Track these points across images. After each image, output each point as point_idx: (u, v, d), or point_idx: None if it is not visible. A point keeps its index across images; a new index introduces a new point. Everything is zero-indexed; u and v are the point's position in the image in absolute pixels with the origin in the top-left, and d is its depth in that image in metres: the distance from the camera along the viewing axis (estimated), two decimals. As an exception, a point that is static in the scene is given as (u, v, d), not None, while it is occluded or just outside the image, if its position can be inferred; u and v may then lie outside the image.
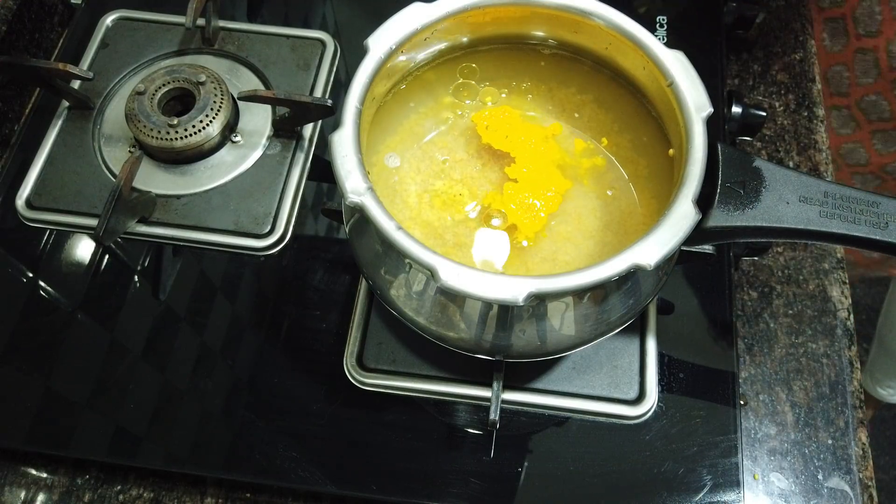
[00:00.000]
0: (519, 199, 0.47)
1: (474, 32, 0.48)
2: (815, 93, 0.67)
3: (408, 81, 0.49)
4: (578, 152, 0.49)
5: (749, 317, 0.57)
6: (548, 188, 0.47)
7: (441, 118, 0.51)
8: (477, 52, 0.50)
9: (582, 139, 0.49)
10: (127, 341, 0.53)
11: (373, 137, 0.48)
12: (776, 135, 0.65)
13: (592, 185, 0.49)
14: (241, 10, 0.68)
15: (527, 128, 0.49)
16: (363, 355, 0.52)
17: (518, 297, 0.35)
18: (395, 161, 0.48)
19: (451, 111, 0.51)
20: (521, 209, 0.46)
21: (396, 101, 0.49)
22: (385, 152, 0.49)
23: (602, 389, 0.50)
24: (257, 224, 0.56)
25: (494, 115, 0.49)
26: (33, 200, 0.57)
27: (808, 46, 0.69)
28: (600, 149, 0.49)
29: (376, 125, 0.48)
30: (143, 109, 0.56)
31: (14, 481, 0.51)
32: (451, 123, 0.51)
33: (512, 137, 0.48)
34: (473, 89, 0.51)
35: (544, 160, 0.48)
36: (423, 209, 0.48)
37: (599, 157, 0.48)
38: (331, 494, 0.50)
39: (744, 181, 0.40)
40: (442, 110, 0.51)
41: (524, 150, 0.48)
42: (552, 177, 0.47)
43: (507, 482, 0.49)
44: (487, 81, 0.51)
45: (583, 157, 0.49)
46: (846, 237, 0.39)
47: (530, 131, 0.49)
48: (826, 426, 0.53)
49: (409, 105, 0.50)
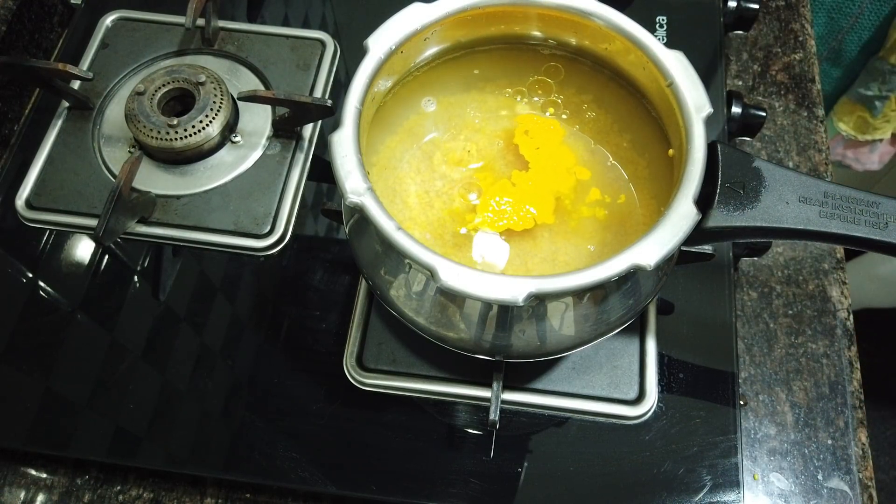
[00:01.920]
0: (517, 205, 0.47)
1: (474, 32, 0.48)
2: (814, 93, 0.67)
3: (408, 81, 0.49)
4: (588, 198, 0.48)
5: (749, 317, 0.57)
6: (540, 205, 0.47)
7: (442, 118, 0.51)
8: (477, 52, 0.50)
9: (599, 190, 0.48)
10: (127, 341, 0.53)
11: (373, 137, 0.47)
12: (776, 135, 0.65)
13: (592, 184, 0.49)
14: (241, 11, 0.68)
15: (562, 150, 0.49)
16: (363, 355, 0.52)
17: (518, 297, 0.35)
18: (431, 106, 0.48)
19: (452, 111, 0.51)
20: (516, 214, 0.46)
21: (396, 101, 0.49)
22: (385, 152, 0.49)
23: (602, 389, 0.50)
24: (257, 224, 0.56)
25: (541, 125, 0.49)
26: (33, 200, 0.57)
27: (808, 46, 0.69)
28: (610, 203, 0.48)
29: (376, 125, 0.48)
30: (143, 109, 0.56)
31: (14, 481, 0.51)
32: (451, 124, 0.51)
33: (542, 150, 0.48)
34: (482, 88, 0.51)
35: (550, 185, 0.48)
36: (423, 209, 0.48)
37: (601, 210, 0.47)
38: (331, 494, 0.50)
39: (744, 181, 0.40)
40: (443, 110, 0.51)
41: (541, 164, 0.48)
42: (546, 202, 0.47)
43: (507, 482, 0.49)
44: (487, 81, 0.51)
45: (588, 204, 0.48)
46: (846, 237, 0.39)
47: (561, 154, 0.49)
48: (826, 426, 0.53)
49: (410, 105, 0.50)
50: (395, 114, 0.49)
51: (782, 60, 0.69)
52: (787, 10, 0.72)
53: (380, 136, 0.49)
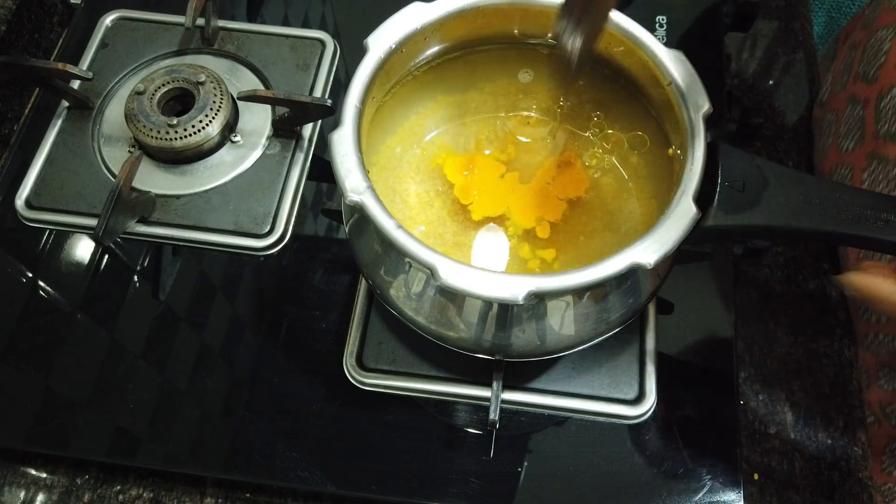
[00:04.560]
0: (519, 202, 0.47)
1: (474, 32, 0.48)
2: (814, 93, 0.67)
3: (408, 81, 0.49)
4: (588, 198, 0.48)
5: (749, 317, 0.56)
6: (541, 204, 0.47)
7: (442, 118, 0.51)
8: (477, 52, 0.50)
9: (599, 189, 0.48)
10: (127, 341, 0.53)
11: (373, 137, 0.47)
12: (776, 135, 0.65)
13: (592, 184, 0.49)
14: (241, 10, 0.68)
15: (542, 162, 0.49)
16: (363, 355, 0.52)
17: (518, 295, 0.35)
18: (431, 106, 0.49)
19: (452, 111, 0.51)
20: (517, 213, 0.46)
21: (396, 101, 0.49)
22: (385, 152, 0.49)
23: (602, 389, 0.50)
24: (257, 224, 0.56)
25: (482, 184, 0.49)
26: (33, 200, 0.57)
27: (808, 46, 0.69)
28: (610, 202, 0.47)
29: (376, 125, 0.48)
30: (143, 109, 0.56)
31: (14, 481, 0.51)
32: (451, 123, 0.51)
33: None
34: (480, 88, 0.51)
35: (550, 184, 0.48)
36: (422, 208, 0.48)
37: (601, 209, 0.47)
38: (331, 494, 0.50)
39: (744, 180, 0.40)
40: (442, 110, 0.51)
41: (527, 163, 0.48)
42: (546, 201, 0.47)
43: (507, 482, 0.49)
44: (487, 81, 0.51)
45: (588, 204, 0.48)
46: (846, 237, 0.39)
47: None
48: (826, 426, 0.53)
49: (410, 105, 0.50)
50: (395, 114, 0.49)
51: (782, 60, 0.69)
52: (787, 10, 0.72)
53: (380, 135, 0.49)
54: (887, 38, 0.50)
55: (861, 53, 0.53)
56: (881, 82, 0.49)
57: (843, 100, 0.55)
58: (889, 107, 0.49)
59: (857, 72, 0.53)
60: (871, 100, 0.50)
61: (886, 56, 0.49)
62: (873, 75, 0.50)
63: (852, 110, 0.53)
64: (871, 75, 0.51)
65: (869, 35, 0.53)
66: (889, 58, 0.49)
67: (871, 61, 0.51)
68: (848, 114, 0.53)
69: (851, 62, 0.55)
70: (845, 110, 0.54)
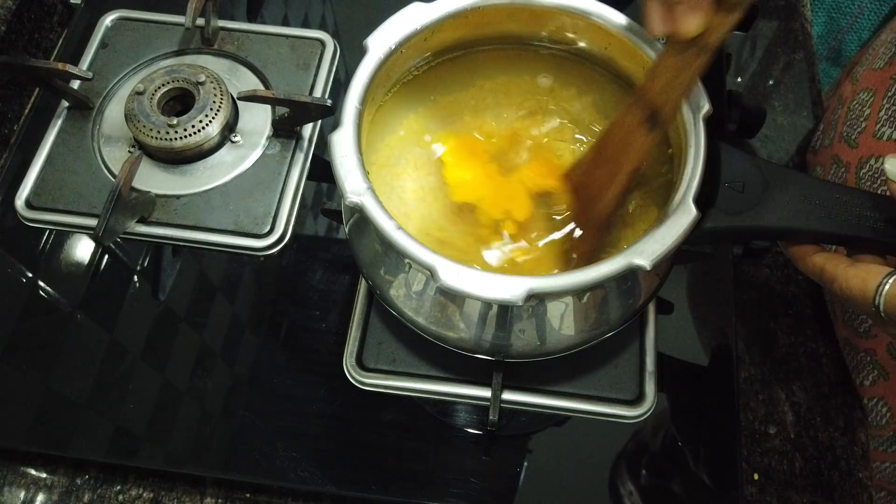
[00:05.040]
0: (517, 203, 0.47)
1: (474, 32, 0.48)
2: (814, 92, 0.67)
3: (408, 81, 0.49)
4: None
5: (749, 317, 0.56)
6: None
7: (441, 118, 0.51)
8: (477, 52, 0.50)
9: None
10: (127, 341, 0.53)
11: (373, 137, 0.47)
12: (776, 135, 0.65)
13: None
14: (241, 10, 0.68)
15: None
16: (363, 355, 0.52)
17: (517, 296, 0.35)
18: (430, 106, 0.49)
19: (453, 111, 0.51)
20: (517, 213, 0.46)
21: (396, 100, 0.49)
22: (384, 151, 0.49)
23: (601, 389, 0.50)
24: (257, 224, 0.56)
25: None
26: (33, 200, 0.57)
27: (808, 46, 0.69)
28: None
29: (376, 125, 0.48)
30: (143, 109, 0.56)
31: (14, 481, 0.51)
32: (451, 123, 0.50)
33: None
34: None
35: (548, 183, 0.48)
36: (418, 205, 0.48)
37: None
38: (331, 494, 0.50)
39: (744, 181, 0.40)
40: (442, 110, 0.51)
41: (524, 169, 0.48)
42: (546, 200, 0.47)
43: (507, 482, 0.49)
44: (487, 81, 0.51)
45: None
46: (846, 237, 0.39)
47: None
48: (826, 426, 0.53)
49: (410, 105, 0.50)
50: (395, 113, 0.49)
51: (782, 60, 0.69)
52: (787, 10, 0.72)
53: (380, 135, 0.49)
54: (867, 103, 0.51)
55: (845, 112, 0.54)
56: (860, 150, 0.51)
57: (828, 157, 0.56)
58: (867, 177, 0.50)
59: (840, 132, 0.54)
60: (852, 164, 0.52)
61: (866, 122, 0.50)
62: (855, 140, 0.52)
63: (836, 170, 0.54)
64: (853, 139, 0.52)
65: (854, 93, 0.54)
66: (868, 125, 0.50)
67: (853, 124, 0.53)
68: (833, 173, 0.55)
69: (836, 120, 0.56)
70: (830, 169, 0.55)
